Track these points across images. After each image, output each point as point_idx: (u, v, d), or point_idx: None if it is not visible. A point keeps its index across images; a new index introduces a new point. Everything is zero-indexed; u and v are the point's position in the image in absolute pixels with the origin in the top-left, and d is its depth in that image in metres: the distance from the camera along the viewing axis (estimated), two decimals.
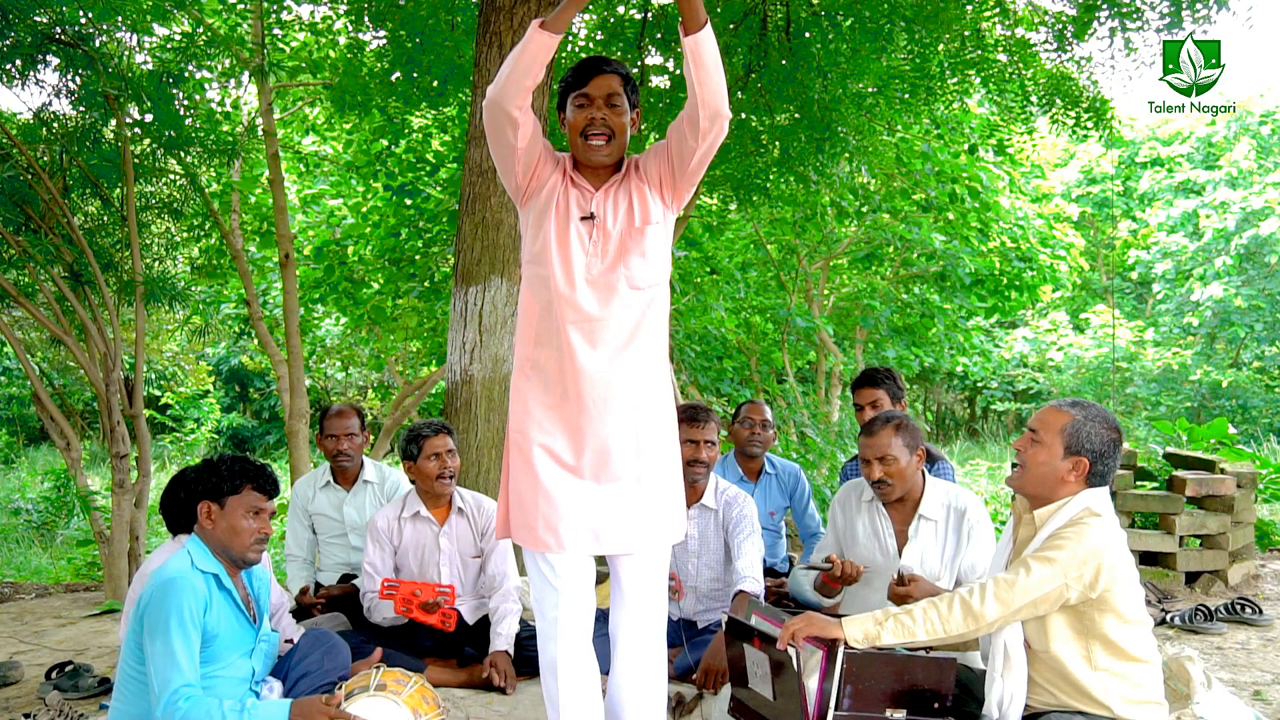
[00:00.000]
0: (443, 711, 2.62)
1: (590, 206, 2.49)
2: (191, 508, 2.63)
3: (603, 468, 2.47)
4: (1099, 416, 2.42)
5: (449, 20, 6.25)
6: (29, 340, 8.26)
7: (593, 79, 2.43)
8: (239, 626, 2.61)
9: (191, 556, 2.56)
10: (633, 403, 2.48)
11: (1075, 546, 2.29)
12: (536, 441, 2.49)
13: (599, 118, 2.44)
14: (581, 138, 2.46)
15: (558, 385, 2.48)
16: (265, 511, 2.65)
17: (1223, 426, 6.35)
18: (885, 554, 3.11)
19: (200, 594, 2.49)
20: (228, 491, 2.60)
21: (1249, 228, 16.10)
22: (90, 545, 6.99)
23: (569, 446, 2.48)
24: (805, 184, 7.00)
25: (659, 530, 2.53)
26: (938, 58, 5.74)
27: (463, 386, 4.55)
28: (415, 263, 8.66)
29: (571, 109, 2.48)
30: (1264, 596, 4.83)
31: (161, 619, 2.43)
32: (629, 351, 2.47)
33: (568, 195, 2.51)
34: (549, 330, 2.49)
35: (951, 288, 10.62)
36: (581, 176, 2.53)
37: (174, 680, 2.39)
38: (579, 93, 2.45)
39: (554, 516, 2.44)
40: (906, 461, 3.03)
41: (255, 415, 18.99)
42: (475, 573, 3.74)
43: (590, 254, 2.48)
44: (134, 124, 5.80)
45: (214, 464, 2.65)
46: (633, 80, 2.51)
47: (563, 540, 2.44)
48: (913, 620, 2.32)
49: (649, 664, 2.56)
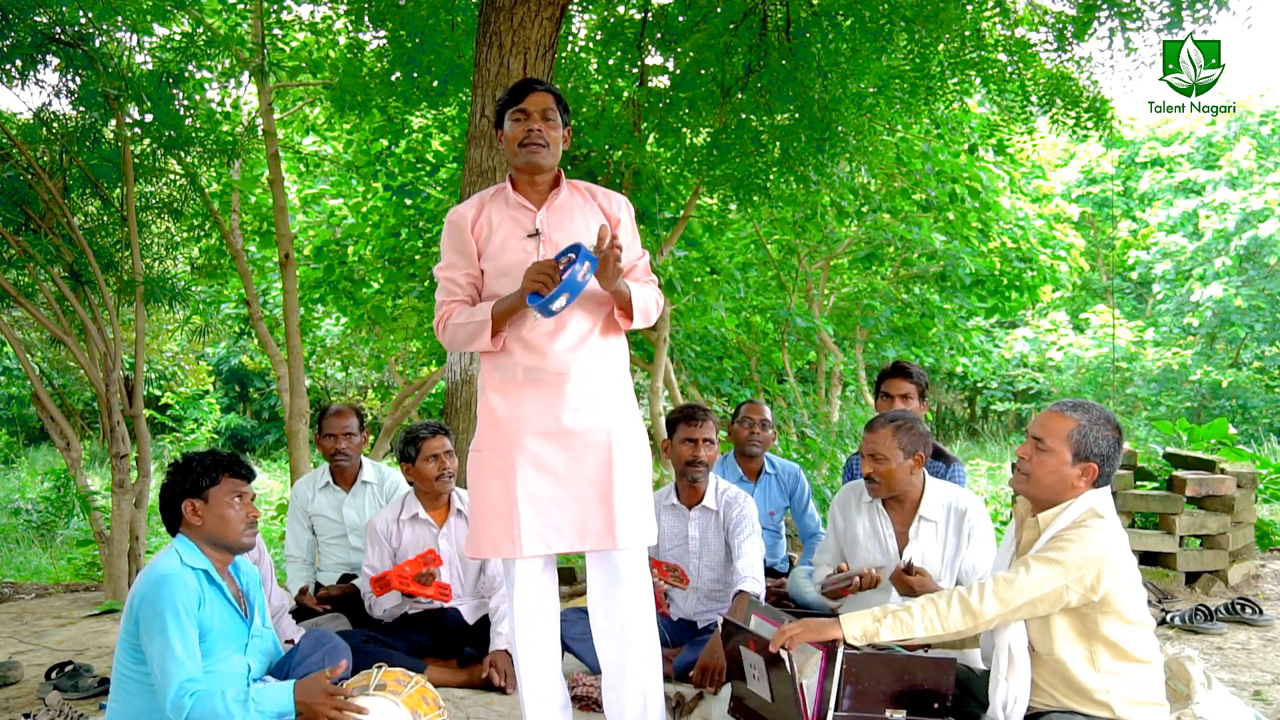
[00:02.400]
0: (443, 712, 2.62)
1: (534, 224, 2.63)
2: (178, 509, 2.64)
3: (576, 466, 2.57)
4: (1102, 418, 2.41)
5: (449, 20, 6.25)
6: (29, 340, 8.26)
7: (528, 96, 2.63)
8: (231, 621, 2.62)
9: (180, 554, 2.58)
10: (593, 396, 2.57)
11: (1078, 549, 2.28)
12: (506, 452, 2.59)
13: (535, 129, 2.61)
14: (520, 146, 2.62)
15: (519, 387, 2.56)
16: (247, 495, 2.68)
17: (1223, 426, 6.35)
18: (886, 555, 3.11)
19: (192, 589, 2.50)
20: (208, 485, 2.62)
21: (1249, 228, 16.10)
22: (90, 545, 6.99)
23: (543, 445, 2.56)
24: (805, 184, 6.99)
25: (632, 529, 2.58)
26: (938, 58, 5.74)
27: (463, 386, 4.55)
28: (415, 263, 8.66)
29: (510, 123, 2.65)
30: (1264, 596, 4.83)
31: (157, 616, 2.44)
32: (586, 347, 2.58)
33: (507, 222, 2.64)
34: (508, 351, 2.59)
35: (951, 288, 10.62)
36: (520, 194, 2.67)
37: (177, 675, 2.40)
38: (517, 108, 2.63)
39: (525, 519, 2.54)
40: (899, 463, 3.02)
41: (255, 415, 19.00)
42: (475, 574, 3.74)
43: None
44: (134, 124, 5.80)
45: (188, 462, 2.67)
46: (564, 100, 2.69)
47: (522, 545, 2.54)
48: (911, 617, 2.31)
49: (641, 662, 2.62)
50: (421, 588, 3.43)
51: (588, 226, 2.63)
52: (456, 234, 2.66)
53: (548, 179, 2.69)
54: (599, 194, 2.74)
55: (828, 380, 11.25)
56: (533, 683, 2.62)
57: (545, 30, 4.59)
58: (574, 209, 2.67)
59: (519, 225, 2.63)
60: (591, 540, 2.56)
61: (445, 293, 2.67)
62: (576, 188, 2.73)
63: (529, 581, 2.61)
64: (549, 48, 4.64)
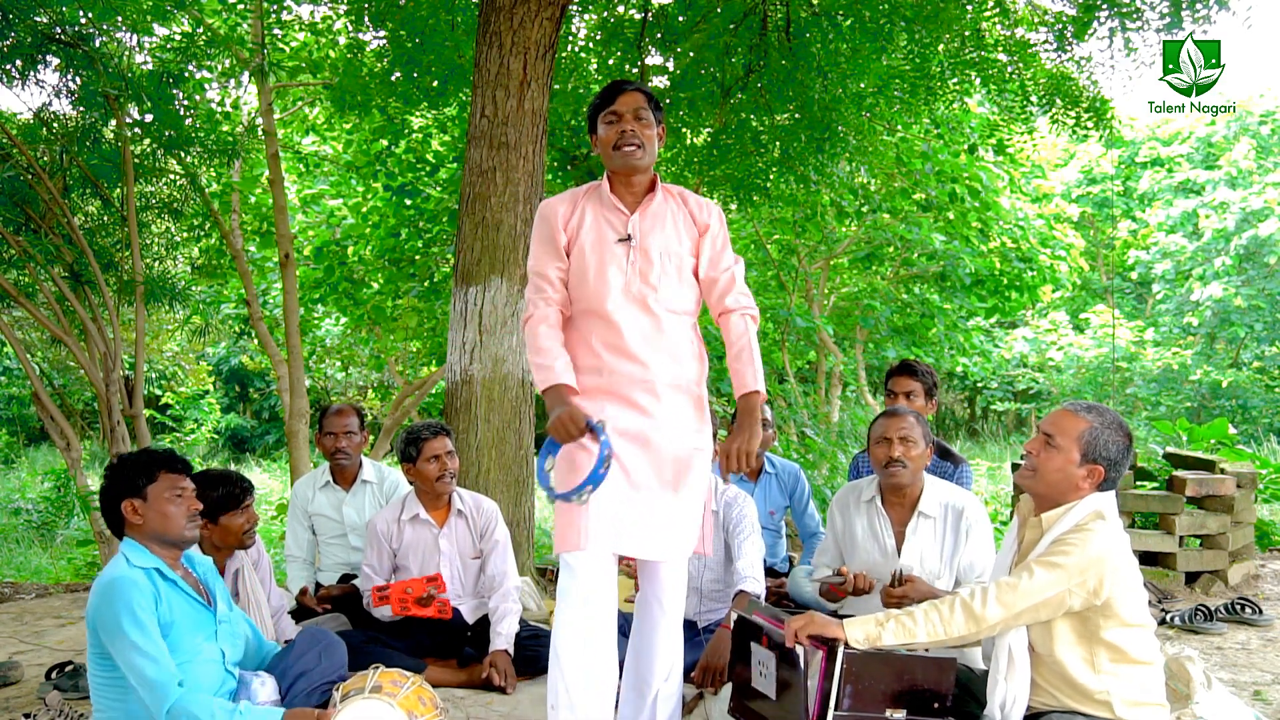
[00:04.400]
0: (440, 712, 2.62)
1: (626, 229, 2.60)
2: (119, 512, 2.62)
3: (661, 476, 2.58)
4: (1114, 423, 2.41)
5: (449, 20, 6.25)
6: (29, 340, 8.26)
7: (619, 97, 2.59)
8: (194, 612, 2.60)
9: (127, 557, 2.55)
10: (678, 409, 2.59)
11: (1080, 553, 2.28)
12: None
13: (629, 130, 2.57)
14: (614, 149, 2.58)
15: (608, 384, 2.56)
16: (187, 490, 2.64)
17: (1223, 426, 6.35)
18: (884, 553, 3.12)
19: (144, 588, 2.48)
20: (145, 483, 2.59)
21: (1248, 228, 16.10)
22: (90, 545, 7.00)
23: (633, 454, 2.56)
24: (805, 184, 7.00)
25: (689, 539, 2.63)
26: (938, 58, 5.74)
27: (463, 386, 4.55)
28: (415, 263, 8.66)
29: (603, 127, 2.61)
30: (1264, 596, 4.83)
31: (114, 623, 2.43)
32: (674, 354, 2.59)
33: (599, 223, 2.61)
34: (596, 350, 2.58)
35: (951, 288, 10.62)
36: (616, 197, 2.63)
37: (157, 678, 2.39)
38: (608, 110, 2.59)
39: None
40: (920, 451, 3.10)
41: (255, 415, 19.00)
42: (475, 573, 3.74)
43: (629, 275, 2.57)
44: (134, 124, 5.80)
45: (122, 463, 2.64)
46: (655, 99, 2.62)
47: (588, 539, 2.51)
48: (914, 622, 2.32)
49: (674, 668, 2.67)
50: (421, 609, 3.42)
51: (678, 236, 2.62)
52: (546, 227, 2.62)
53: (644, 181, 2.65)
54: (691, 201, 2.69)
55: (828, 380, 11.25)
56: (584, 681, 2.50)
57: (545, 30, 4.60)
58: (666, 215, 2.64)
59: (611, 228, 2.60)
60: (650, 548, 2.55)
61: (535, 289, 2.62)
62: (670, 193, 2.68)
63: (593, 577, 2.51)
64: (549, 48, 4.64)
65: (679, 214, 2.66)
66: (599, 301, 2.56)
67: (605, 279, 2.56)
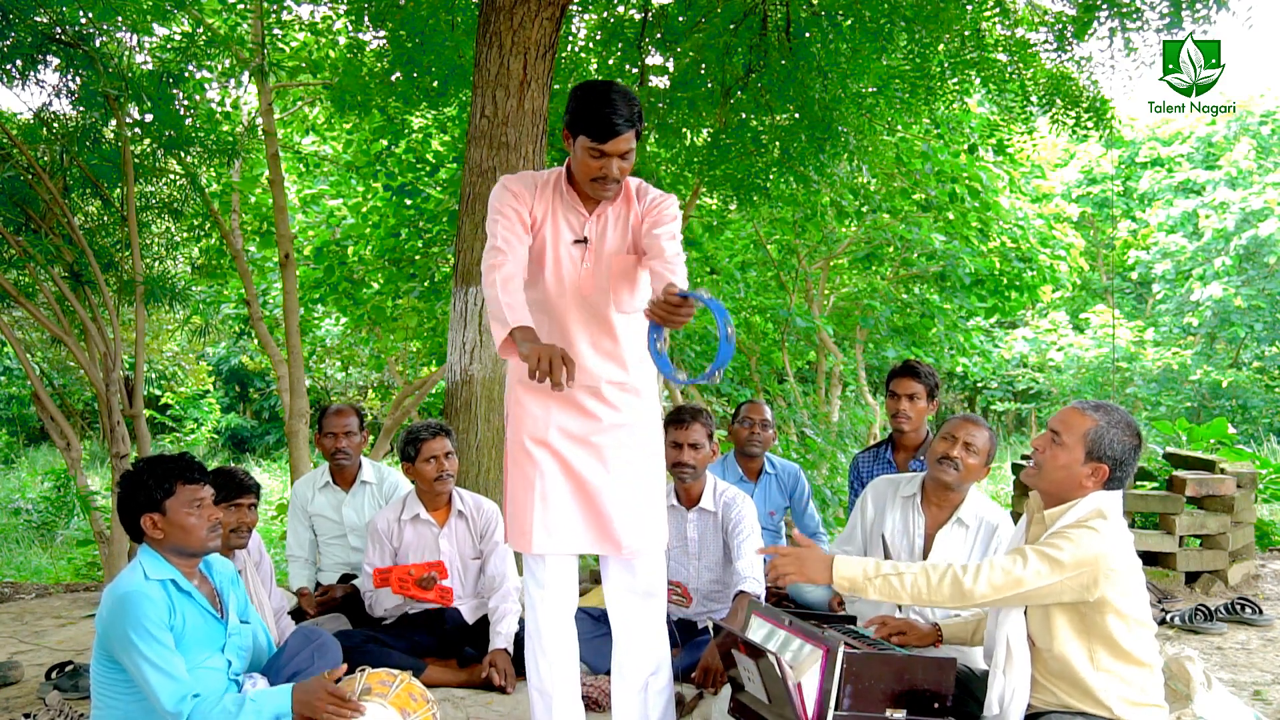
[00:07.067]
0: (432, 705, 2.61)
1: (583, 231, 2.59)
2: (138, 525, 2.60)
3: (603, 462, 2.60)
4: (1122, 422, 2.41)
5: (449, 20, 6.25)
6: (29, 340, 8.27)
7: (610, 140, 2.43)
8: (206, 625, 2.59)
9: (144, 568, 2.53)
10: (620, 404, 2.61)
11: (1074, 549, 2.29)
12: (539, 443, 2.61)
13: (612, 175, 2.48)
14: (592, 180, 2.51)
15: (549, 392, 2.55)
16: (206, 500, 2.60)
17: (1223, 426, 6.35)
18: (912, 552, 3.13)
19: (158, 602, 2.46)
20: (163, 497, 2.55)
21: (1249, 228, 16.10)
22: (90, 545, 7.00)
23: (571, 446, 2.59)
24: (805, 184, 6.99)
25: (659, 531, 2.65)
26: (938, 58, 5.74)
27: (463, 386, 4.55)
28: (415, 263, 8.66)
29: (584, 152, 2.47)
30: (1264, 596, 4.83)
31: (125, 637, 2.42)
32: (617, 355, 2.60)
33: (557, 219, 2.60)
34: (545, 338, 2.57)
35: (951, 288, 10.61)
36: (575, 195, 2.61)
37: (167, 686, 2.39)
38: (595, 147, 2.45)
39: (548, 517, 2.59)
40: (977, 462, 3.09)
41: (255, 415, 19.00)
42: (475, 574, 3.74)
43: (580, 276, 2.58)
44: (134, 124, 5.80)
45: (137, 475, 2.58)
46: (641, 118, 2.51)
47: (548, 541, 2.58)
48: (901, 584, 2.34)
49: (662, 662, 2.68)
50: (422, 592, 3.43)
51: (624, 235, 2.60)
52: (510, 196, 2.56)
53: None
54: (647, 197, 2.63)
55: (828, 380, 11.25)
56: (553, 679, 2.66)
57: (545, 30, 4.59)
58: (620, 218, 2.61)
59: (569, 227, 2.59)
60: (610, 545, 2.59)
61: (499, 237, 2.51)
62: (627, 189, 2.62)
63: (551, 576, 2.63)
64: (549, 48, 4.64)
65: (631, 214, 2.63)
66: (548, 298, 2.59)
67: (560, 276, 2.57)
